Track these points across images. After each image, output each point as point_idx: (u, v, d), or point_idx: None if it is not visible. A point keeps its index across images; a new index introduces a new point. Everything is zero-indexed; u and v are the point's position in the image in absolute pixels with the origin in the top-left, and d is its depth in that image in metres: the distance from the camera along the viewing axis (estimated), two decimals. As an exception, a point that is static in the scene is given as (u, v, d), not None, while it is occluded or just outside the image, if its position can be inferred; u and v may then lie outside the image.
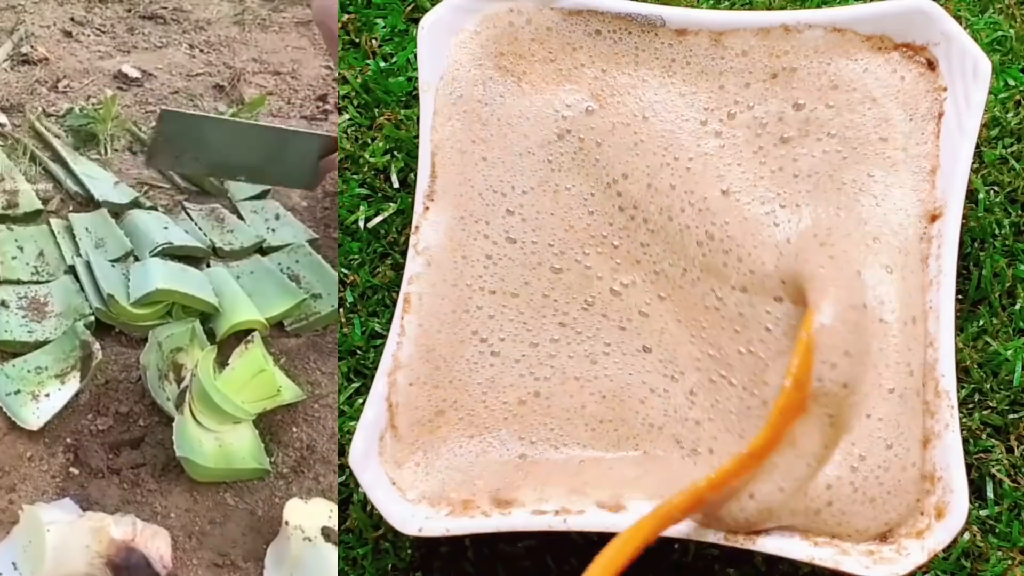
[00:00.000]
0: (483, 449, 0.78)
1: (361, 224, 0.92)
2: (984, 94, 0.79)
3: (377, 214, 0.92)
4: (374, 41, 0.99)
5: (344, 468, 0.84)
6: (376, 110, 0.96)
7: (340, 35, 0.99)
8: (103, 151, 1.30)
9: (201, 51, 1.56)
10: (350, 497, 0.84)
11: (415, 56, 0.88)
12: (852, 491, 0.71)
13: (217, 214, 1.21)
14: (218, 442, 0.91)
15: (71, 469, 0.90)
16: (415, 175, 0.85)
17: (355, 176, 0.94)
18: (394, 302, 0.84)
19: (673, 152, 0.82)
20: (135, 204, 1.20)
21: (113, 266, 1.07)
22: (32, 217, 1.16)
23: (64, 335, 0.99)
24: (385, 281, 0.89)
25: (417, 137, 0.85)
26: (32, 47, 1.46)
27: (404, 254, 0.84)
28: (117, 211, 1.18)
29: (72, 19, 1.57)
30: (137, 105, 1.40)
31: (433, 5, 0.87)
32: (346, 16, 1.00)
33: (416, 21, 0.90)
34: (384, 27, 0.99)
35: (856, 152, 0.80)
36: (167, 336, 0.99)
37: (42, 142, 1.28)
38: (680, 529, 0.72)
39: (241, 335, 1.01)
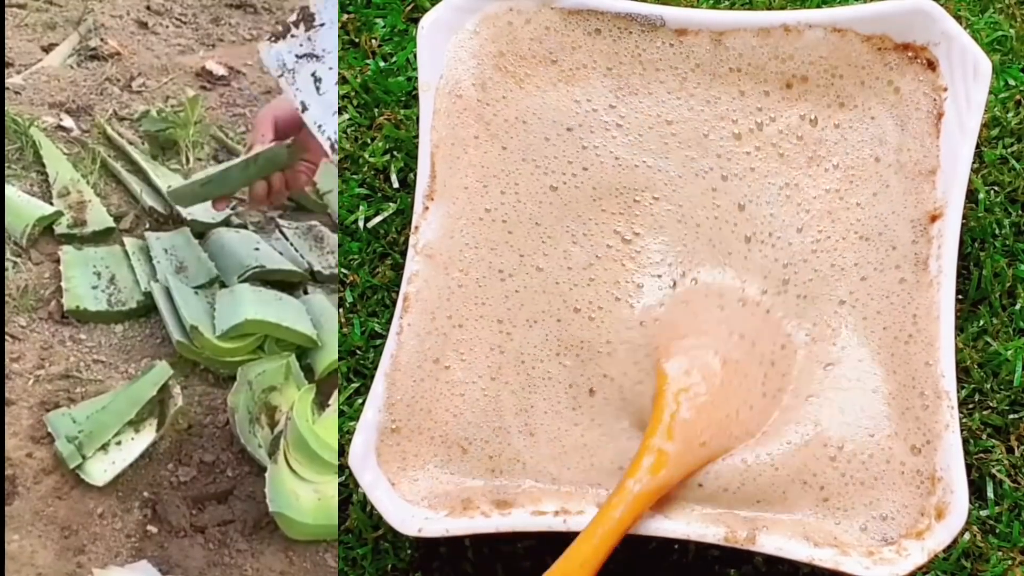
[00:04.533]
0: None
1: (361, 224, 0.91)
2: (984, 94, 0.79)
3: (377, 214, 0.92)
4: (374, 41, 0.99)
5: (343, 468, 0.84)
6: (376, 110, 0.96)
7: (340, 35, 0.99)
8: (184, 160, 1.14)
9: (297, 44, 1.40)
10: (350, 497, 0.84)
11: (415, 56, 0.88)
12: (836, 472, 0.73)
13: (315, 232, 1.07)
14: (317, 495, 0.83)
15: (148, 527, 0.81)
16: (415, 175, 0.85)
17: (355, 176, 0.94)
18: (394, 302, 0.84)
19: (708, 160, 0.82)
20: (225, 223, 1.05)
21: (196, 293, 0.96)
22: (103, 236, 1.04)
23: (141, 376, 0.88)
24: (385, 281, 0.89)
25: (417, 137, 0.85)
26: (102, 40, 1.30)
27: (404, 254, 0.84)
28: (201, 230, 1.04)
29: (148, 8, 1.39)
30: (223, 107, 1.24)
31: (433, 5, 0.87)
32: (346, 16, 1.00)
33: (416, 21, 0.89)
34: (384, 27, 0.99)
35: (852, 187, 0.80)
36: (258, 374, 0.90)
37: (115, 149, 1.14)
38: (682, 529, 0.72)
39: (343, 372, 0.92)
